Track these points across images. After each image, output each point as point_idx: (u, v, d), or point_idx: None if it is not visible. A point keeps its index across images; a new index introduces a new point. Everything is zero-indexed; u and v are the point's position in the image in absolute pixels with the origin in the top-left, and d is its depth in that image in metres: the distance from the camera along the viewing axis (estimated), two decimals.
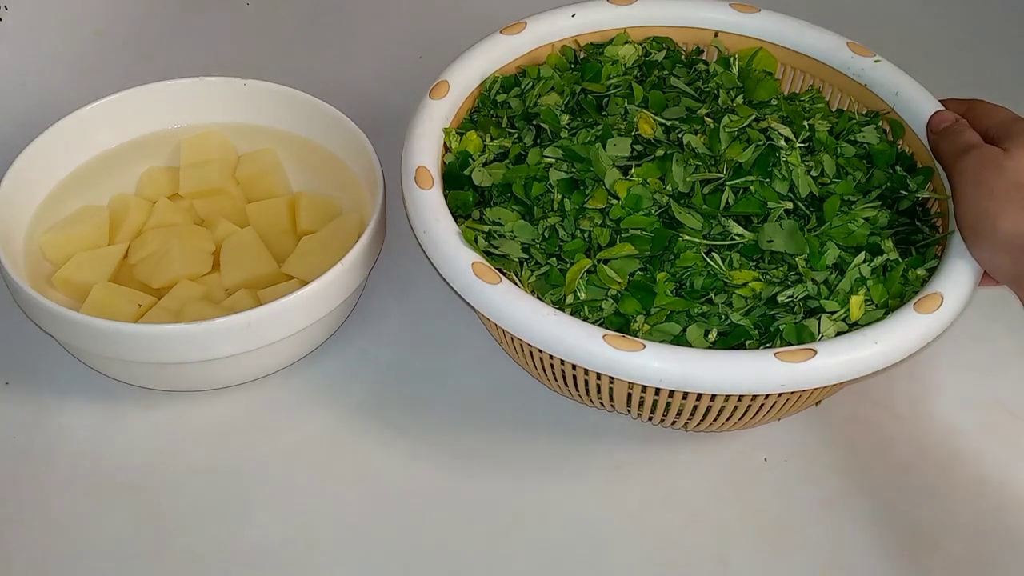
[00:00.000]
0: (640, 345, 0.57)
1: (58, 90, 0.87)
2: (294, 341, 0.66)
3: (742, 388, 0.58)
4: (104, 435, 0.66)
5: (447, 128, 0.69)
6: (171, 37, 0.93)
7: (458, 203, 0.66)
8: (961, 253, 0.63)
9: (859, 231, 0.64)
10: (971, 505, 0.65)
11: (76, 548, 0.61)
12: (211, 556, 0.61)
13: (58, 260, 0.71)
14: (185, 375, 0.66)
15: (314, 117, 0.75)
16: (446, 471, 0.66)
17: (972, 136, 0.66)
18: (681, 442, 0.67)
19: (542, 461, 0.66)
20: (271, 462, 0.66)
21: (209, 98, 0.76)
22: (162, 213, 0.73)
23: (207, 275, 0.71)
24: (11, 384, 0.69)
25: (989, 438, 0.68)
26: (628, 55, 0.75)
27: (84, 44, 0.92)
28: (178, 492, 0.64)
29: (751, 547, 0.63)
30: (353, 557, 0.62)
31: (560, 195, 0.65)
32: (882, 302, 0.62)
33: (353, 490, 0.65)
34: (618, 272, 0.62)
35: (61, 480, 0.64)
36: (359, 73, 0.90)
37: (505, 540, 0.63)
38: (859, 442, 0.68)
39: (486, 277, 0.60)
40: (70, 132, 0.73)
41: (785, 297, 0.61)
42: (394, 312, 0.74)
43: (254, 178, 0.76)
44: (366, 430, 0.67)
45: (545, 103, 0.71)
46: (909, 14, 1.00)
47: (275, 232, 0.73)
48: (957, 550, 0.63)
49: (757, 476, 0.66)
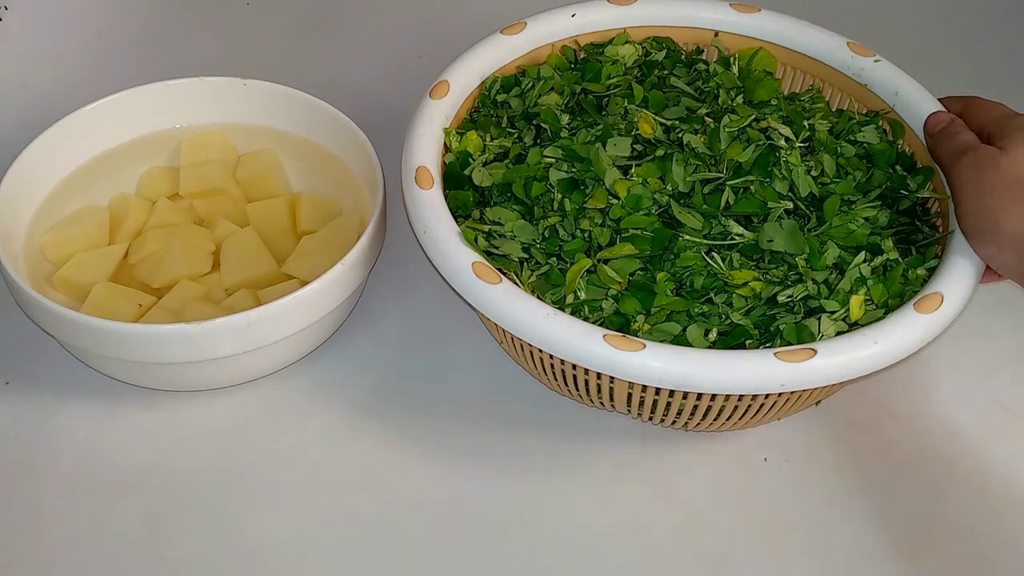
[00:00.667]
0: (640, 345, 0.57)
1: (58, 90, 0.87)
2: (294, 341, 0.66)
3: (742, 388, 0.58)
4: (104, 435, 0.66)
5: (447, 128, 0.69)
6: (171, 37, 0.93)
7: (458, 203, 0.66)
8: (961, 252, 0.63)
9: (859, 231, 0.64)
10: (971, 505, 0.65)
11: (76, 548, 0.61)
12: (211, 556, 0.61)
13: (58, 260, 0.71)
14: (185, 375, 0.66)
15: (314, 117, 0.75)
16: (446, 471, 0.66)
17: (968, 137, 0.66)
18: (681, 442, 0.67)
19: (542, 461, 0.66)
20: (271, 462, 0.66)
21: (209, 98, 0.76)
22: (162, 213, 0.73)
23: (207, 275, 0.71)
24: (11, 384, 0.69)
25: (989, 438, 0.68)
26: (628, 55, 0.75)
27: (84, 44, 0.92)
28: (178, 492, 0.64)
29: (751, 547, 0.63)
30: (353, 557, 0.62)
31: (560, 195, 0.65)
32: (882, 302, 0.62)
33: (353, 490, 0.65)
34: (618, 272, 0.62)
35: (61, 480, 0.64)
36: (359, 73, 0.90)
37: (505, 540, 0.63)
38: (859, 442, 0.68)
39: (486, 277, 0.60)
40: (70, 132, 0.73)
41: (785, 297, 0.61)
42: (394, 312, 0.74)
43: (254, 178, 0.76)
44: (366, 430, 0.67)
45: (545, 103, 0.71)
46: (909, 14, 1.00)
47: (275, 232, 0.73)
48: (957, 550, 0.63)
49: (757, 476, 0.66)
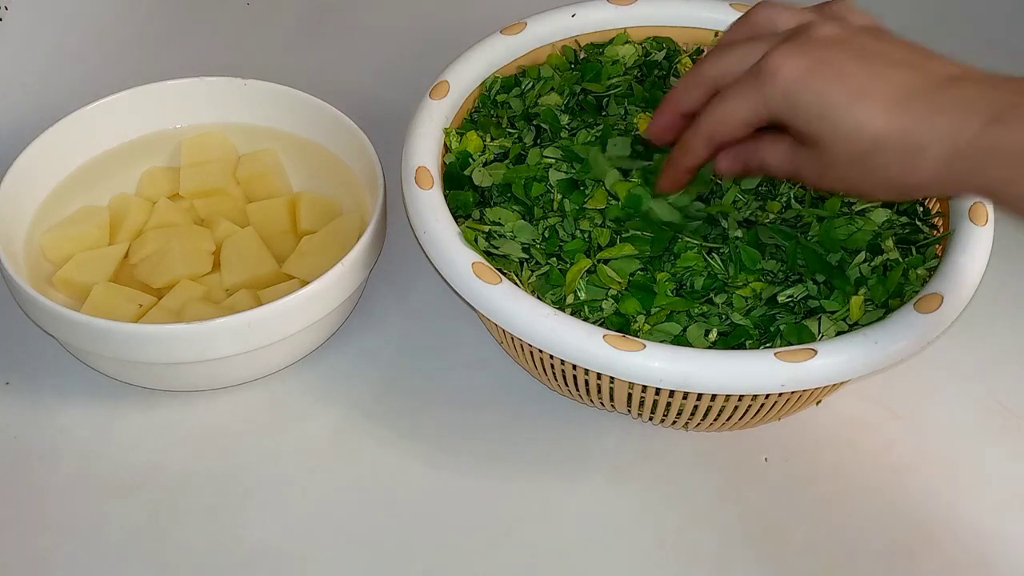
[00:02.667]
0: (640, 345, 0.57)
1: (58, 90, 0.87)
2: (294, 341, 0.66)
3: (742, 388, 0.58)
4: (104, 435, 0.66)
5: (447, 128, 0.69)
6: (171, 37, 0.93)
7: (458, 203, 0.66)
8: (961, 252, 0.63)
9: (859, 233, 0.64)
10: (971, 505, 0.65)
11: (76, 548, 0.61)
12: (211, 556, 0.61)
13: (58, 260, 0.71)
14: (185, 375, 0.66)
15: (314, 117, 0.75)
16: (446, 471, 0.66)
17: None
18: (681, 442, 0.67)
19: (542, 461, 0.66)
20: (271, 462, 0.66)
21: (209, 98, 0.76)
22: (162, 213, 0.73)
23: (207, 275, 0.71)
24: (11, 384, 0.69)
25: (989, 438, 0.68)
26: (628, 55, 0.75)
27: (84, 44, 0.92)
28: (178, 492, 0.64)
29: (751, 547, 0.63)
30: (353, 557, 0.62)
31: (560, 195, 0.65)
32: (882, 302, 0.62)
33: (353, 490, 0.65)
34: (618, 272, 0.62)
35: (61, 480, 0.64)
36: (359, 73, 0.90)
37: (505, 540, 0.63)
38: (859, 442, 0.68)
39: (486, 277, 0.60)
40: (70, 132, 0.73)
41: (785, 297, 0.61)
42: (394, 312, 0.74)
43: (254, 178, 0.76)
44: (366, 430, 0.67)
45: (545, 103, 0.71)
46: (909, 14, 1.00)
47: (275, 232, 0.73)
48: (957, 550, 0.63)
49: (757, 476, 0.66)
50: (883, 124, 0.51)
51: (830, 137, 0.52)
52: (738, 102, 0.55)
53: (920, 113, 0.51)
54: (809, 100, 0.52)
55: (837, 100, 0.52)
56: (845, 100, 0.52)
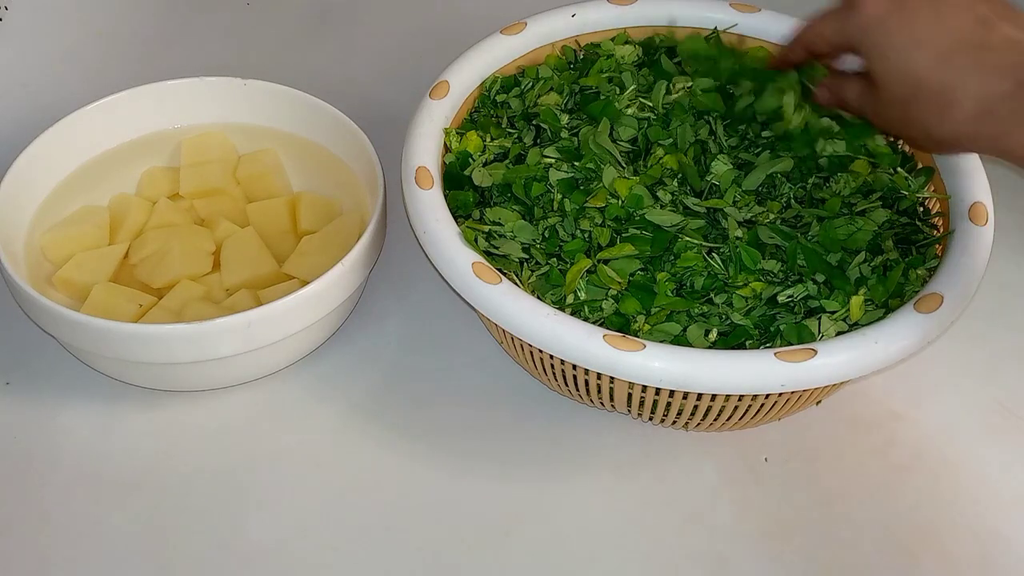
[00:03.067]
0: (640, 345, 0.57)
1: (58, 90, 0.87)
2: (294, 341, 0.66)
3: (742, 388, 0.58)
4: (104, 435, 0.66)
5: (447, 128, 0.69)
6: (171, 37, 0.94)
7: (458, 203, 0.66)
8: (961, 252, 0.63)
9: (859, 233, 0.64)
10: (971, 505, 0.65)
11: (76, 548, 0.61)
12: (211, 556, 0.61)
13: (58, 260, 0.71)
14: (185, 375, 0.66)
15: (314, 117, 0.75)
16: (446, 471, 0.66)
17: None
18: (681, 442, 0.67)
19: (542, 461, 0.66)
20: (271, 462, 0.66)
21: (209, 98, 0.76)
22: (162, 213, 0.73)
23: (207, 275, 0.71)
24: (11, 384, 0.69)
25: (989, 438, 0.68)
26: (628, 55, 0.75)
27: (84, 44, 0.92)
28: (178, 492, 0.64)
29: (751, 547, 0.63)
30: (353, 557, 0.62)
31: (560, 195, 0.65)
32: (882, 302, 0.62)
33: (353, 490, 0.65)
34: (618, 272, 0.62)
35: (61, 480, 0.64)
36: (359, 73, 0.90)
37: (505, 540, 0.63)
38: (859, 442, 0.68)
39: (486, 277, 0.60)
40: (70, 132, 0.73)
41: (785, 297, 0.61)
42: (394, 312, 0.74)
43: (254, 178, 0.76)
44: (366, 430, 0.67)
45: (545, 103, 0.71)
46: None
47: (275, 232, 0.73)
48: (957, 550, 0.63)
49: (757, 476, 0.66)
50: (924, 74, 0.55)
51: (884, 77, 0.57)
52: (827, 23, 0.62)
53: (960, 68, 0.54)
54: (877, 40, 0.57)
55: (897, 43, 0.56)
56: (903, 45, 0.55)
